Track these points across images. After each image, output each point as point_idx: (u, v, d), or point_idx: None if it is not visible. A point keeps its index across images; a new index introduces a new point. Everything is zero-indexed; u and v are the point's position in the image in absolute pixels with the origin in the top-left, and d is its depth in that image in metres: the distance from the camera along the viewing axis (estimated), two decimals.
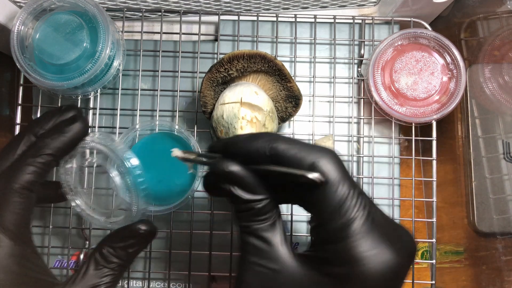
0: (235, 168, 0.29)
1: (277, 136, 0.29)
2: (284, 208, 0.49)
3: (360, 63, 0.52)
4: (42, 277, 0.34)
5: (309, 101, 0.52)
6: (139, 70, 0.49)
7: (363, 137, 0.50)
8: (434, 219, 0.48)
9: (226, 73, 0.43)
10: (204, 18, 0.55)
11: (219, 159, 0.30)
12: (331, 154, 0.29)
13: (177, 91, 0.49)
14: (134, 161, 0.37)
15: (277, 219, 0.30)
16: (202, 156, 0.33)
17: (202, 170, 0.44)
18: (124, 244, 0.35)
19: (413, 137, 0.49)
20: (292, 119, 0.49)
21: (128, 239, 0.35)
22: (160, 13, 0.51)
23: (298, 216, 0.50)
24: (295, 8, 0.55)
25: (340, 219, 0.27)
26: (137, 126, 0.45)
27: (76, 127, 0.36)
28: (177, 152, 0.35)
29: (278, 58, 0.49)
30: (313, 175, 0.27)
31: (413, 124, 0.48)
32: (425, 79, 0.47)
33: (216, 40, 0.54)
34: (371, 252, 0.27)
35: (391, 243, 0.28)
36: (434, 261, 0.48)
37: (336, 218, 0.27)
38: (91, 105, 0.49)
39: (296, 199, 0.31)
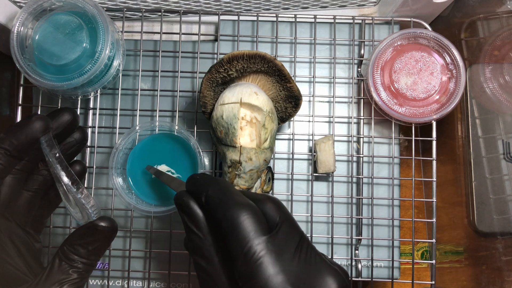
0: (184, 202, 0.35)
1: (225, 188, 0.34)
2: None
3: (360, 63, 0.52)
4: (15, 271, 0.35)
5: (309, 101, 0.52)
6: (139, 70, 0.49)
7: (363, 137, 0.50)
8: (434, 219, 0.48)
9: (225, 73, 0.43)
10: (204, 18, 0.55)
11: (181, 191, 0.36)
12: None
13: (177, 91, 0.49)
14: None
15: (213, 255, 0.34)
16: (173, 181, 0.40)
17: (203, 170, 0.44)
18: (83, 242, 0.36)
19: (413, 137, 0.49)
20: (292, 119, 0.49)
21: (86, 237, 0.36)
22: (160, 13, 0.51)
23: (298, 216, 0.50)
24: (295, 8, 0.55)
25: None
26: (137, 128, 0.45)
27: (31, 122, 0.38)
28: (152, 169, 0.43)
29: (278, 59, 0.49)
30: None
31: (413, 124, 0.48)
32: (424, 79, 0.47)
33: (216, 40, 0.54)
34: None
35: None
36: (434, 261, 0.48)
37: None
38: (91, 105, 0.49)
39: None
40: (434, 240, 0.48)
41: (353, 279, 0.49)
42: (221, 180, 0.36)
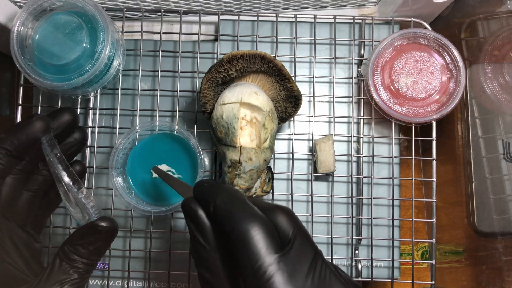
0: (192, 210, 0.33)
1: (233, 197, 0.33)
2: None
3: (360, 63, 0.52)
4: (15, 271, 0.35)
5: (309, 101, 0.52)
6: (139, 70, 0.49)
7: (363, 137, 0.50)
8: (434, 219, 0.48)
9: (225, 73, 0.43)
10: (204, 18, 0.55)
11: (189, 198, 0.34)
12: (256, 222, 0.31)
13: (177, 91, 0.49)
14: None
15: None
16: (180, 185, 0.39)
17: (204, 170, 0.44)
18: (83, 242, 0.36)
19: (413, 137, 0.49)
20: (292, 119, 0.49)
21: (87, 237, 0.36)
22: (160, 13, 0.51)
23: (298, 216, 0.50)
24: (295, 8, 0.55)
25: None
26: (137, 127, 0.45)
27: (31, 122, 0.38)
28: (157, 170, 0.41)
29: (278, 58, 0.49)
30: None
31: (413, 124, 0.48)
32: (424, 79, 0.47)
33: (216, 40, 0.54)
34: None
35: None
36: (434, 261, 0.48)
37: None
38: (91, 105, 0.49)
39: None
40: (434, 240, 0.48)
41: (353, 279, 0.49)
42: (230, 188, 0.34)
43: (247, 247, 0.30)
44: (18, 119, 0.48)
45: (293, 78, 0.48)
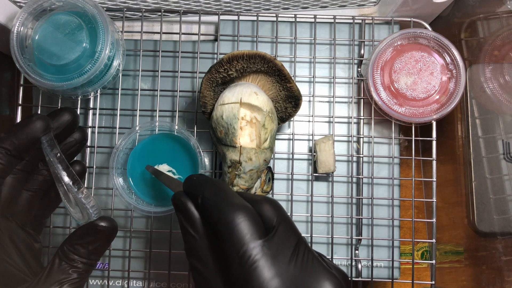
0: (181, 202, 0.35)
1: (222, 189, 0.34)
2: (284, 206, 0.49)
3: (360, 63, 0.52)
4: (15, 271, 0.35)
5: (309, 101, 0.52)
6: (139, 70, 0.49)
7: (363, 137, 0.50)
8: (434, 219, 0.48)
9: (225, 73, 0.43)
10: (204, 18, 0.55)
11: (179, 191, 0.36)
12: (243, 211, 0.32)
13: (177, 91, 0.49)
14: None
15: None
16: (171, 181, 0.40)
17: (204, 170, 0.44)
18: (83, 242, 0.36)
19: (413, 137, 0.49)
20: (292, 119, 0.49)
21: (86, 237, 0.36)
22: (160, 13, 0.51)
23: (297, 216, 0.50)
24: (295, 8, 0.55)
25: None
26: (137, 128, 0.45)
27: (31, 121, 0.38)
28: (151, 169, 0.42)
29: (278, 58, 0.49)
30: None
31: (413, 124, 0.48)
32: (424, 79, 0.47)
33: (216, 40, 0.54)
34: None
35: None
36: (434, 261, 0.48)
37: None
38: (91, 106, 0.49)
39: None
40: (434, 240, 0.48)
41: (353, 279, 0.49)
42: (217, 181, 0.35)
43: (232, 234, 0.31)
44: (18, 119, 0.48)
45: (293, 78, 0.48)
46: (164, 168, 0.45)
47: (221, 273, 0.33)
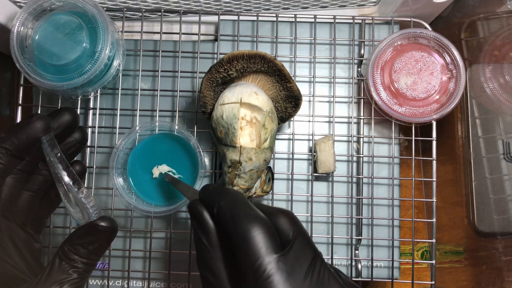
0: (198, 210, 0.34)
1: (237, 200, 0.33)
2: (284, 206, 0.49)
3: (360, 63, 0.52)
4: (15, 271, 0.35)
5: (309, 101, 0.52)
6: (139, 70, 0.49)
7: (363, 137, 0.50)
8: (434, 219, 0.48)
9: (225, 73, 0.43)
10: (204, 18, 0.55)
11: (195, 200, 0.35)
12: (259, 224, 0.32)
13: (177, 91, 0.49)
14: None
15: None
16: (188, 189, 0.41)
17: (204, 170, 0.44)
18: (83, 241, 0.36)
19: (413, 137, 0.49)
20: (292, 119, 0.49)
21: (87, 237, 0.36)
22: (160, 13, 0.51)
23: (297, 216, 0.50)
24: (295, 8, 0.55)
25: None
26: (137, 128, 0.45)
27: (32, 121, 0.38)
28: (169, 177, 0.43)
29: (278, 58, 0.49)
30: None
31: (413, 124, 0.48)
32: (424, 79, 0.47)
33: (216, 40, 0.54)
34: None
35: None
36: (434, 261, 0.48)
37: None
38: (91, 105, 0.49)
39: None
40: (434, 240, 0.48)
41: (353, 279, 0.49)
42: (233, 191, 0.35)
43: (248, 247, 0.30)
44: (18, 119, 0.48)
45: (293, 78, 0.48)
46: (164, 168, 0.45)
47: (234, 286, 0.32)
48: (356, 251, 0.50)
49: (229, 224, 0.31)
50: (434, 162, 0.49)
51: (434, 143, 0.49)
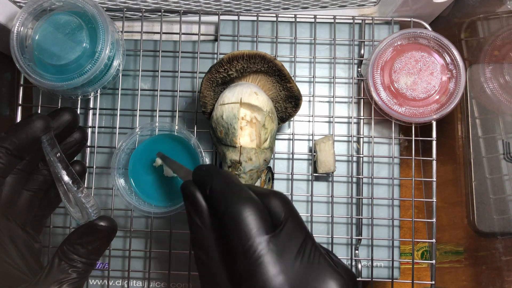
0: (190, 191, 0.34)
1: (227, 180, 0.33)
2: None
3: (360, 63, 0.52)
4: (14, 271, 0.35)
5: (309, 101, 0.52)
6: (139, 70, 0.49)
7: (363, 137, 0.50)
8: (434, 219, 0.48)
9: (225, 73, 0.43)
10: (204, 18, 0.55)
11: (189, 181, 0.35)
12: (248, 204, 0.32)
13: (177, 91, 0.49)
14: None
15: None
16: (180, 168, 0.40)
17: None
18: (82, 241, 0.36)
19: (413, 137, 0.49)
20: (292, 119, 0.49)
21: (86, 236, 0.36)
22: (160, 13, 0.51)
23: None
24: (295, 8, 0.55)
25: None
26: (137, 130, 0.45)
27: (32, 121, 0.38)
28: (160, 154, 0.43)
29: (278, 59, 0.49)
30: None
31: (413, 124, 0.48)
32: (424, 79, 0.47)
33: (216, 40, 0.54)
34: None
35: None
36: (434, 261, 0.48)
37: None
38: (91, 106, 0.49)
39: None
40: (434, 240, 0.48)
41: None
42: (226, 172, 0.35)
43: (239, 228, 0.30)
44: (18, 119, 0.48)
45: (293, 78, 0.48)
46: (164, 168, 0.45)
47: (226, 266, 0.32)
48: (356, 251, 0.50)
49: (221, 204, 0.32)
50: (434, 162, 0.49)
51: (434, 143, 0.49)
